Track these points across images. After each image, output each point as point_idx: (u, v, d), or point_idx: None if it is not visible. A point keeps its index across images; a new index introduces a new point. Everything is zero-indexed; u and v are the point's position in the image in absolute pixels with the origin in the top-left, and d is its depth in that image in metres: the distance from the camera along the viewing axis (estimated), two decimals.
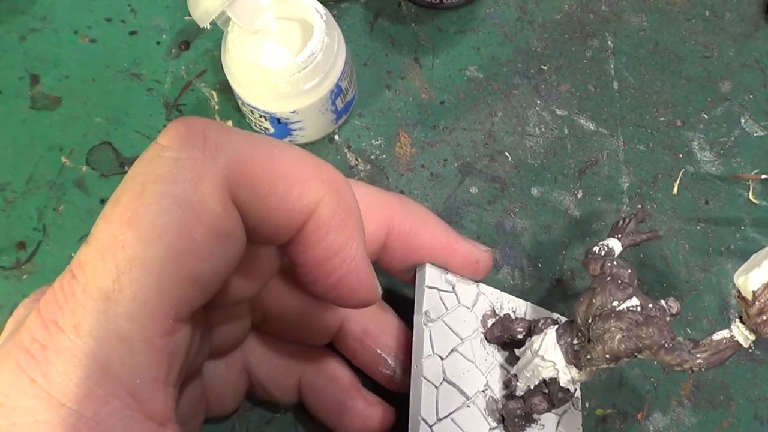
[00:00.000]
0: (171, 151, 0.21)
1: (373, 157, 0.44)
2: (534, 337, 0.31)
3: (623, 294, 0.29)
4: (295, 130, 0.41)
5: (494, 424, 0.30)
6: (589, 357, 0.29)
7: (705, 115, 0.45)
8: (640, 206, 0.42)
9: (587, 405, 0.38)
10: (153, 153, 0.21)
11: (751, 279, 0.26)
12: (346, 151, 0.44)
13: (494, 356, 0.32)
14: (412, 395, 0.27)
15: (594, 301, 0.29)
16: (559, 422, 0.33)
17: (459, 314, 0.31)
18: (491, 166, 0.43)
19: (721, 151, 0.44)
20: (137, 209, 0.20)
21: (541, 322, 0.31)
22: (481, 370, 0.31)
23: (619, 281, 0.29)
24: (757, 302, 0.26)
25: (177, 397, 0.23)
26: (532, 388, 0.30)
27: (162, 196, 0.21)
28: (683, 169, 0.44)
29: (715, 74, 0.46)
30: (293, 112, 0.40)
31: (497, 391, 0.32)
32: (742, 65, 0.46)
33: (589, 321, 0.29)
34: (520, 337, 0.32)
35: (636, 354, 0.28)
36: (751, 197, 0.43)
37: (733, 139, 0.44)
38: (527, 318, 0.34)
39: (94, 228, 0.21)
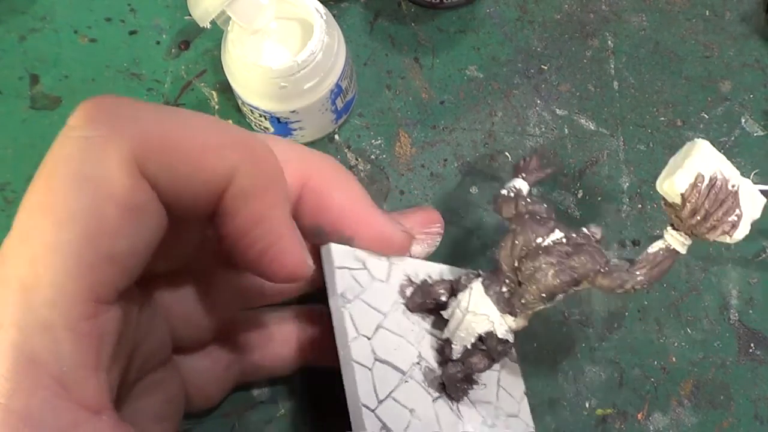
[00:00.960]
0: (79, 130, 0.21)
1: (373, 157, 0.44)
2: (460, 295, 0.29)
3: (545, 229, 0.28)
4: (295, 129, 0.41)
5: (436, 394, 0.29)
6: (523, 301, 0.27)
7: (705, 115, 0.45)
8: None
9: (587, 405, 0.38)
10: (62, 134, 0.21)
11: (677, 181, 0.24)
12: (346, 150, 0.44)
13: (420, 325, 0.30)
14: (346, 383, 0.25)
15: (516, 242, 0.28)
16: (499, 378, 0.32)
17: (375, 289, 0.29)
18: (491, 166, 0.43)
19: (722, 151, 0.44)
20: (48, 193, 0.20)
21: (463, 278, 0.30)
22: (411, 341, 0.29)
23: (538, 217, 0.28)
24: (687, 203, 0.24)
25: (116, 383, 0.23)
26: (469, 347, 0.29)
27: (71, 176, 0.20)
28: None
29: (715, 74, 0.46)
30: (293, 111, 0.39)
31: (432, 360, 0.30)
32: (743, 65, 0.46)
33: (515, 264, 0.27)
34: (443, 299, 0.30)
35: (573, 287, 0.27)
36: None
37: (733, 139, 0.44)
38: (446, 279, 0.32)
39: (15, 217, 0.21)
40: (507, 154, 0.44)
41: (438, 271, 0.33)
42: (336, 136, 0.44)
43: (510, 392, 0.32)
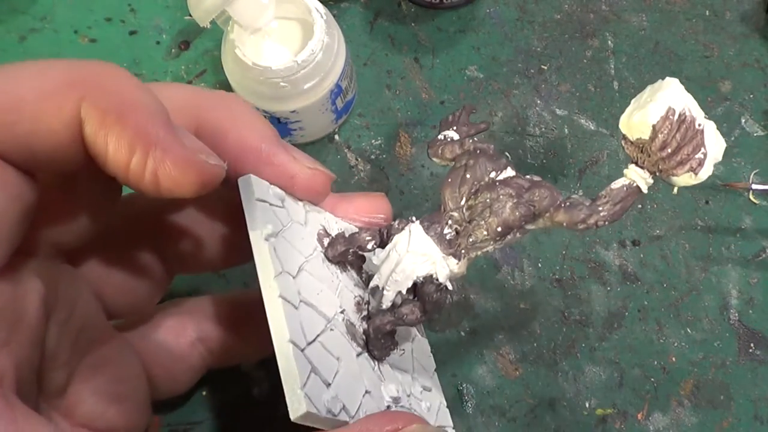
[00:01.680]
0: None
1: (373, 157, 0.44)
2: (396, 237, 0.27)
3: (498, 164, 0.26)
4: (294, 129, 0.41)
5: (359, 350, 0.27)
6: (472, 239, 0.26)
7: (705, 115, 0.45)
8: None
9: (587, 405, 0.38)
10: None
11: (649, 112, 0.24)
12: (346, 150, 0.44)
13: (339, 278, 0.28)
14: (272, 320, 0.23)
15: (468, 175, 0.26)
16: (412, 350, 0.30)
17: (295, 231, 0.27)
18: None
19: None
20: None
21: (395, 224, 0.27)
22: (332, 291, 0.27)
23: (490, 153, 0.26)
24: (659, 135, 0.24)
25: (27, 360, 0.22)
26: (403, 292, 0.27)
27: None
28: None
29: (715, 74, 0.46)
30: (293, 111, 0.40)
31: (352, 315, 0.28)
32: (743, 65, 0.46)
33: (463, 201, 0.26)
34: (369, 246, 0.28)
35: (530, 223, 0.25)
36: (751, 197, 0.43)
37: (733, 139, 0.44)
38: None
39: None
40: (507, 154, 0.44)
41: (351, 228, 0.30)
42: (336, 136, 0.44)
43: (423, 365, 0.31)
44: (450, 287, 0.27)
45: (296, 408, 0.21)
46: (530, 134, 0.44)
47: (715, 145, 0.24)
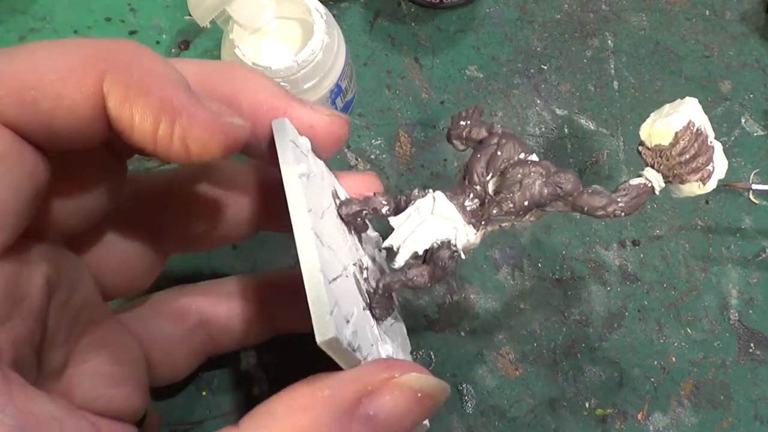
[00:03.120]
0: None
1: (373, 156, 0.44)
2: (419, 201, 0.28)
3: (526, 148, 0.28)
4: None
5: (363, 304, 0.27)
6: (496, 210, 0.27)
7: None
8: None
9: (587, 405, 0.38)
10: None
11: (673, 121, 0.26)
12: (346, 150, 0.44)
13: (346, 236, 0.29)
14: (303, 251, 0.23)
15: (499, 153, 0.28)
16: (395, 324, 0.31)
17: (316, 181, 0.27)
18: None
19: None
20: None
21: (415, 192, 0.28)
22: (343, 244, 0.28)
23: (518, 138, 0.28)
24: (681, 141, 0.26)
25: (26, 337, 0.22)
26: (420, 252, 0.27)
27: None
28: None
29: (715, 74, 0.46)
30: None
31: (357, 273, 0.28)
32: (743, 65, 0.46)
33: (489, 177, 0.27)
34: (384, 210, 0.28)
35: (553, 202, 0.27)
36: (751, 197, 0.43)
37: (733, 138, 0.44)
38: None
39: None
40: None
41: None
42: None
43: (403, 343, 0.31)
44: (463, 256, 0.28)
45: (324, 332, 0.21)
46: (530, 134, 0.44)
47: (721, 163, 0.27)
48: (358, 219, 0.29)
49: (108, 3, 0.47)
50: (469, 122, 0.30)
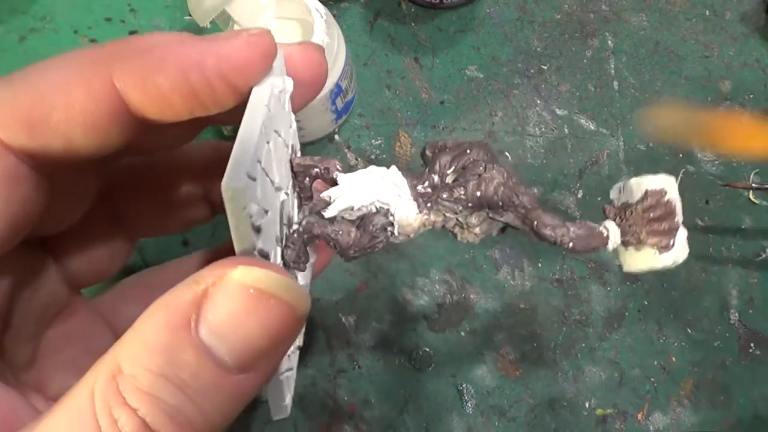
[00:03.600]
0: None
1: (373, 156, 0.44)
2: (372, 166, 0.26)
3: (498, 160, 0.27)
4: None
5: (278, 242, 0.25)
6: (446, 195, 0.26)
7: None
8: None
9: (587, 405, 0.38)
10: None
11: (648, 179, 0.26)
12: (346, 150, 0.44)
13: (288, 191, 0.27)
14: (246, 122, 0.22)
15: (468, 152, 0.27)
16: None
17: (279, 121, 0.25)
18: None
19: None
20: None
21: (372, 167, 0.27)
22: (283, 183, 0.26)
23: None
24: (649, 198, 0.26)
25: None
26: (355, 207, 0.26)
27: None
28: (683, 169, 0.44)
29: (715, 74, 0.46)
30: None
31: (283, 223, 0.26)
32: (743, 65, 0.46)
33: (451, 168, 0.27)
34: (334, 175, 0.27)
35: (504, 209, 0.26)
36: (751, 197, 0.43)
37: None
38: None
39: None
40: (507, 154, 0.44)
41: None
42: (336, 136, 0.44)
43: None
44: (396, 233, 0.26)
45: (235, 178, 0.20)
46: (530, 134, 0.44)
47: (682, 248, 0.26)
48: (307, 177, 0.27)
49: (108, 3, 0.47)
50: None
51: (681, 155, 0.44)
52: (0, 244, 0.22)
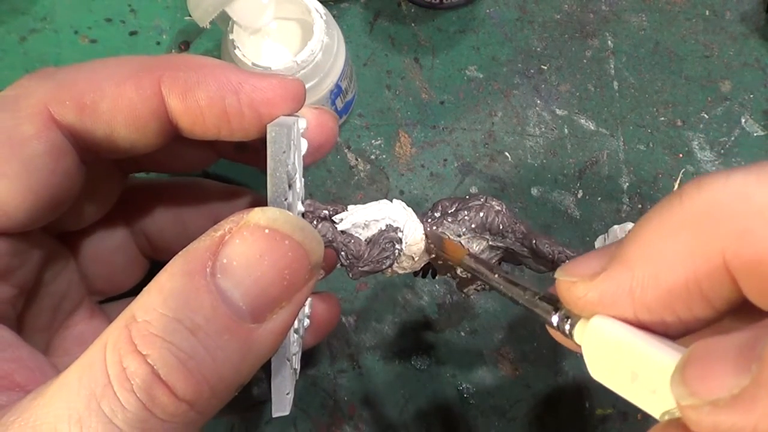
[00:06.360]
0: (8, 90, 0.24)
1: (373, 157, 0.44)
2: (383, 201, 0.29)
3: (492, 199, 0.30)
4: None
5: None
6: (451, 219, 0.29)
7: (705, 115, 0.45)
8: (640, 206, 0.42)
9: (587, 405, 0.38)
10: None
11: (630, 226, 0.27)
12: (346, 150, 0.44)
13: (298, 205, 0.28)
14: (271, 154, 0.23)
15: (467, 197, 0.30)
16: None
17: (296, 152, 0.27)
18: (491, 166, 0.43)
19: (722, 151, 0.44)
20: None
21: None
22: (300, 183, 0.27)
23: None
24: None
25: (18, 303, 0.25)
26: (366, 222, 0.27)
27: None
28: (683, 169, 0.44)
29: (715, 74, 0.46)
30: None
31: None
32: (743, 65, 0.46)
33: (453, 209, 0.29)
34: (337, 219, 0.28)
35: (504, 233, 0.29)
36: None
37: (733, 138, 0.44)
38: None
39: None
40: (507, 154, 0.44)
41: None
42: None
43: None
44: (403, 248, 0.28)
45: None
46: (530, 134, 0.44)
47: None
48: (315, 220, 0.28)
49: (108, 4, 0.47)
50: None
51: (681, 155, 0.44)
52: (41, 213, 0.24)
